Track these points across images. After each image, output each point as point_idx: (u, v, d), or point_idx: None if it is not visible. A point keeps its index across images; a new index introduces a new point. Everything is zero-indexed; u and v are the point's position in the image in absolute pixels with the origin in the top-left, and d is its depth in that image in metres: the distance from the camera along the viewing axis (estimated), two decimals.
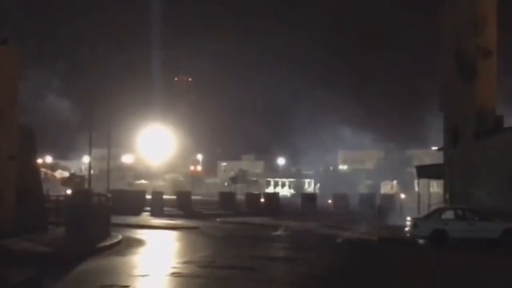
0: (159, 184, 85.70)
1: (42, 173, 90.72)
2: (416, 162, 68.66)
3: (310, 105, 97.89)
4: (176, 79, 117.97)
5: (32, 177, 26.09)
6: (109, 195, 34.90)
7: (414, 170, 43.86)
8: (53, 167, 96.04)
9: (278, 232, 30.87)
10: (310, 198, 52.36)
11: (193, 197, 54.73)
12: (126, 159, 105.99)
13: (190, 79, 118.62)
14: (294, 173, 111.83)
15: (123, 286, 14.08)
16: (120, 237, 24.07)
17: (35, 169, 27.36)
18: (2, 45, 23.67)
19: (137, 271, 16.61)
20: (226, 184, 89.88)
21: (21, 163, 24.13)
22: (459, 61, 31.88)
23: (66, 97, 71.39)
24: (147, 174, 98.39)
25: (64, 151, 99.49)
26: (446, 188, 33.35)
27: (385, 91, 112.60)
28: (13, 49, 24.22)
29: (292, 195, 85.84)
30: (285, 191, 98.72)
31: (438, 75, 36.15)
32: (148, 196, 48.04)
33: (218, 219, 39.49)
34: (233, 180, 66.45)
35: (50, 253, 19.23)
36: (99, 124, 57.12)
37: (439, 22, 35.07)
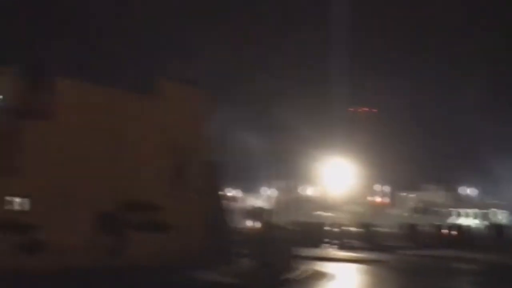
0: (340, 215, 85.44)
1: (228, 206, 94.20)
2: None
3: (497, 132, 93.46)
4: (357, 109, 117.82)
5: (218, 210, 27.18)
6: (291, 227, 35.61)
7: None
8: (238, 200, 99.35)
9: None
10: (498, 228, 49.65)
11: (374, 229, 54.02)
12: (307, 190, 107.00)
13: (370, 109, 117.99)
14: (479, 202, 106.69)
15: None
16: (304, 269, 24.20)
17: (222, 203, 28.44)
18: (193, 86, 25.05)
19: None
20: (407, 215, 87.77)
21: (207, 197, 25.23)
22: None
23: (249, 132, 73.92)
24: (328, 206, 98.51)
25: (249, 184, 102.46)
26: None
27: None
28: (203, 89, 25.48)
29: (478, 226, 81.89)
30: (470, 222, 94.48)
31: None
32: (328, 228, 48.12)
33: (401, 252, 38.50)
34: (416, 211, 64.64)
35: (238, 284, 19.76)
36: (280, 157, 58.50)
37: None
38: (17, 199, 19.63)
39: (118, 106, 22.22)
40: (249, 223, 46.37)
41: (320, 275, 24.12)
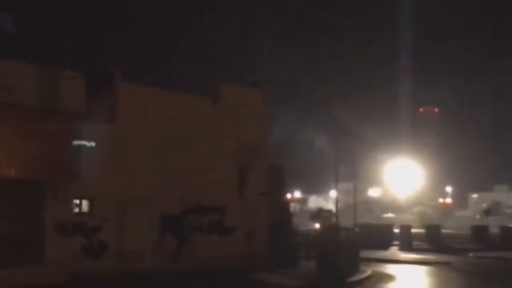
0: (407, 217, 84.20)
1: (292, 208, 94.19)
2: None
3: None
4: (421, 109, 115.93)
5: (282, 212, 27.12)
6: (356, 229, 35.22)
7: None
8: (302, 202, 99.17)
9: None
10: None
11: (443, 231, 52.90)
12: (373, 192, 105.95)
13: (436, 109, 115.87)
14: None
15: None
16: (369, 272, 23.95)
17: (285, 204, 28.37)
18: (252, 88, 25.12)
19: None
20: (477, 216, 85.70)
21: (271, 199, 25.20)
22: None
23: (317, 135, 73.79)
24: (394, 207, 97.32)
25: (315, 186, 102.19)
26: None
27: None
28: (263, 91, 25.51)
29: None
30: None
31: None
32: (396, 230, 47.43)
33: (470, 254, 37.61)
34: (486, 212, 63.05)
35: (302, 286, 19.68)
36: (346, 158, 58.08)
37: None
38: (82, 202, 20.00)
39: (181, 109, 22.39)
40: (314, 225, 46.18)
41: (385, 277, 23.83)
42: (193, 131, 22.46)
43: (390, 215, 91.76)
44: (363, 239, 41.08)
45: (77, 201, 19.94)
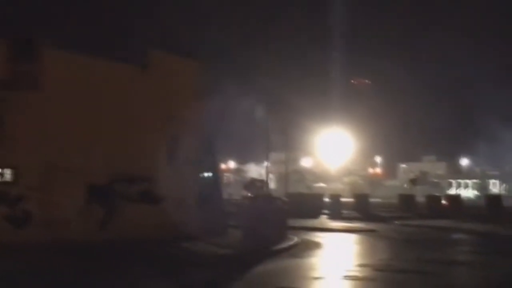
0: (338, 187, 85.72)
1: (225, 178, 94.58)
2: None
3: (495, 104, 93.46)
4: (354, 81, 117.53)
5: (213, 182, 27.18)
6: (285, 198, 35.51)
7: None
8: (235, 171, 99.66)
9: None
10: (495, 199, 49.55)
11: (372, 200, 54.08)
12: (305, 162, 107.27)
13: (368, 81, 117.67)
14: (478, 173, 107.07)
15: None
16: (296, 239, 24.33)
17: (217, 174, 28.42)
18: (184, 57, 24.91)
19: (311, 274, 16.69)
20: (405, 186, 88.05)
21: (203, 169, 25.23)
22: None
23: (247, 104, 73.85)
24: (326, 177, 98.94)
25: (247, 156, 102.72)
26: None
27: None
28: (195, 61, 25.31)
29: (476, 197, 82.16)
30: (468, 193, 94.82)
31: None
32: (326, 199, 48.27)
33: (396, 222, 38.70)
34: (413, 182, 64.86)
35: (228, 255, 19.87)
36: (279, 128, 58.56)
37: None
38: (6, 171, 19.60)
39: (109, 77, 22.07)
40: (245, 195, 46.51)
41: (312, 244, 24.29)
42: (122, 100, 22.21)
43: (321, 184, 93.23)
44: (294, 209, 41.64)
45: (0, 170, 19.51)
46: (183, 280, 15.57)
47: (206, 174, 26.69)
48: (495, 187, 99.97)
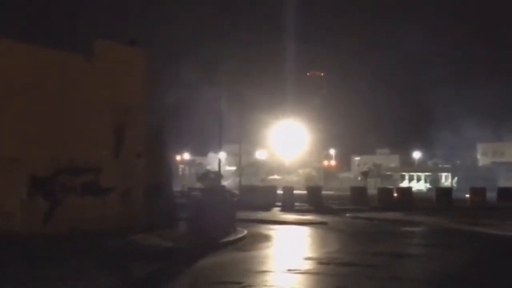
0: (292, 179, 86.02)
1: (180, 169, 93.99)
2: None
3: (447, 97, 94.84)
4: (308, 73, 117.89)
5: (162, 173, 26.81)
6: (237, 191, 35.45)
7: None
8: (187, 163, 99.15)
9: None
10: (445, 192, 50.40)
11: (326, 192, 54.42)
12: (260, 154, 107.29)
13: (322, 74, 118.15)
14: (430, 167, 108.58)
15: (237, 283, 14.00)
16: (245, 232, 24.19)
17: (166, 166, 28.05)
18: (130, 46, 24.48)
19: (255, 267, 16.53)
20: (359, 178, 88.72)
21: (151, 161, 24.84)
22: None
23: (202, 96, 73.44)
24: (281, 170, 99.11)
25: (200, 148, 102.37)
26: None
27: None
28: (141, 49, 24.90)
29: (428, 190, 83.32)
30: (420, 186, 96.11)
31: None
32: (280, 192, 48.29)
33: (348, 214, 38.94)
34: (365, 174, 65.36)
35: (174, 248, 19.61)
36: (234, 121, 58.32)
37: None
38: None
39: (54, 66, 21.48)
40: (197, 186, 46.19)
41: (260, 237, 24.19)
42: (67, 89, 21.65)
43: (276, 177, 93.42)
44: (247, 201, 41.72)
45: None
46: (123, 274, 15.31)
47: (155, 165, 26.32)
48: (446, 180, 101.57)
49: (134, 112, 23.87)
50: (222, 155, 74.99)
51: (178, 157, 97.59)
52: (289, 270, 16.04)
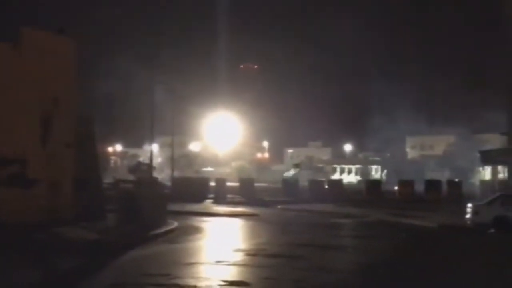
0: (226, 171, 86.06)
1: (112, 161, 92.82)
2: (489, 148, 66.57)
3: (379, 91, 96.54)
4: (242, 66, 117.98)
5: (91, 165, 26.41)
6: (169, 183, 35.28)
7: None
8: (122, 155, 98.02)
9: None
10: (374, 184, 51.39)
11: (258, 184, 54.64)
12: (194, 146, 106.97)
13: (256, 66, 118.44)
14: (361, 159, 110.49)
15: (164, 275, 13.95)
16: (175, 224, 24.11)
17: (94, 157, 27.64)
18: (58, 34, 23.98)
19: (183, 259, 16.52)
20: (291, 170, 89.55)
21: (79, 151, 24.43)
22: None
23: (135, 87, 72.62)
24: (214, 162, 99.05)
25: (132, 139, 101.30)
26: (511, 174, 32.10)
27: (454, 74, 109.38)
28: (69, 38, 24.44)
29: (359, 182, 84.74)
30: (351, 178, 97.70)
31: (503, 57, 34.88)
32: (213, 184, 48.26)
33: (279, 206, 39.31)
34: (297, 166, 66.01)
35: (101, 240, 19.37)
36: (166, 111, 57.85)
37: (503, 4, 33.75)
38: None
39: None
40: (129, 178, 45.69)
41: (191, 229, 24.16)
42: None
43: (209, 169, 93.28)
44: (179, 193, 41.57)
45: None
46: (46, 267, 15.05)
47: (84, 157, 25.89)
48: (376, 172, 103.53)
49: (62, 102, 23.43)
50: (155, 147, 74.44)
51: (110, 149, 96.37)
52: (217, 261, 16.10)
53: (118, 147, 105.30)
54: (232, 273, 14.72)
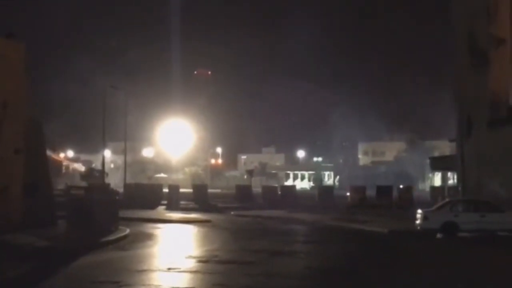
0: (179, 177, 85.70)
1: (63, 167, 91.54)
2: (438, 154, 67.79)
3: (330, 97, 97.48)
4: (195, 72, 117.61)
5: (41, 170, 26.04)
6: (120, 189, 34.90)
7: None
8: (74, 161, 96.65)
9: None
10: (327, 190, 51.85)
11: (212, 190, 54.50)
12: (147, 152, 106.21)
13: (209, 72, 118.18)
14: (314, 165, 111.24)
15: (114, 282, 13.83)
16: (127, 231, 23.89)
17: (44, 162, 27.27)
18: (6, 39, 23.65)
19: (134, 266, 16.35)
20: (245, 177, 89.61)
21: (29, 157, 24.07)
22: (472, 49, 31.26)
23: (87, 91, 71.87)
24: (167, 168, 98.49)
25: (84, 145, 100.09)
26: (459, 180, 32.74)
27: (405, 81, 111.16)
28: (18, 43, 24.12)
29: (312, 188, 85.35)
30: (304, 184, 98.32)
31: (452, 64, 35.59)
32: (166, 190, 47.98)
33: (232, 212, 39.30)
34: (250, 172, 66.08)
35: (50, 247, 19.11)
36: (118, 117, 57.32)
37: (451, 10, 34.44)
38: None
39: None
40: (80, 185, 45.16)
41: (143, 236, 23.99)
42: None
43: (162, 175, 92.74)
44: (132, 199, 41.26)
45: None
46: None
47: (34, 163, 25.51)
48: (329, 178, 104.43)
49: (11, 107, 23.07)
50: (108, 152, 73.71)
51: (62, 155, 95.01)
52: (169, 269, 16.02)
53: (70, 153, 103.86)
54: (183, 280, 14.66)
